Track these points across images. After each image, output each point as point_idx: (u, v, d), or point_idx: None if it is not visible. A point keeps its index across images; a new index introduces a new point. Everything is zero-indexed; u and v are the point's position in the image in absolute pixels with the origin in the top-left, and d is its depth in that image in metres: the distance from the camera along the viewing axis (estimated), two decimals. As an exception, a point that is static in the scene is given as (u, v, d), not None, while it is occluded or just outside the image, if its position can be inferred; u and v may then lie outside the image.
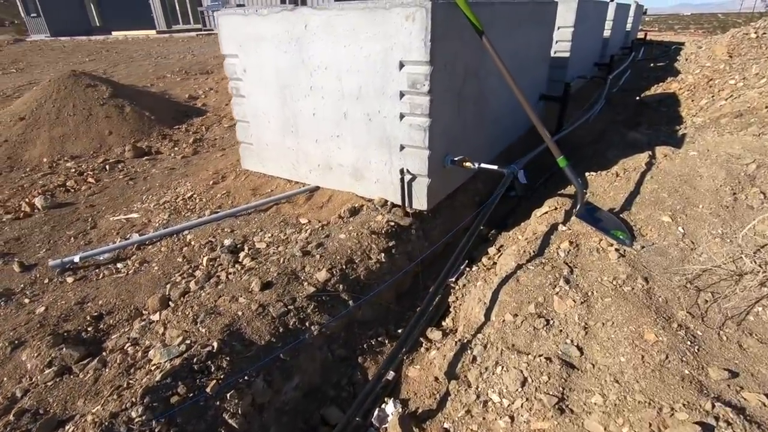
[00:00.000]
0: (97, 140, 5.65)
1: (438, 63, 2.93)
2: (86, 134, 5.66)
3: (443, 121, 3.21)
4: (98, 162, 5.15)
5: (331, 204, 3.66)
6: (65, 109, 5.83)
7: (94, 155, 5.42)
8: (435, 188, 3.35)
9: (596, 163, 4.23)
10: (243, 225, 3.49)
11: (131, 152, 5.29)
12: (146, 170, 4.96)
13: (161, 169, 4.96)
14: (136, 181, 4.66)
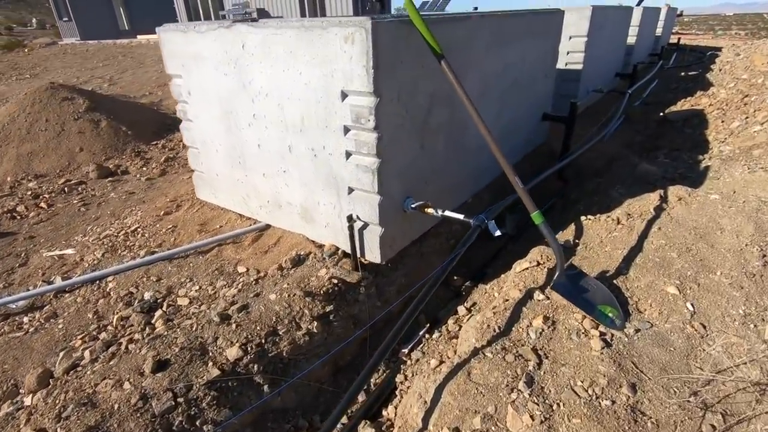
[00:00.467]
0: (66, 158, 5.36)
1: (387, 93, 2.41)
2: (55, 151, 5.39)
3: (400, 160, 2.68)
4: (59, 183, 4.84)
5: (278, 248, 3.18)
6: (37, 123, 5.58)
7: (59, 174, 5.13)
8: (391, 237, 2.82)
9: (597, 202, 3.60)
10: (174, 272, 3.05)
11: (95, 172, 4.97)
12: (105, 194, 4.62)
13: (120, 193, 4.60)
14: (89, 208, 4.32)
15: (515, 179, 2.42)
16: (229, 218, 3.67)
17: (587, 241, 3.01)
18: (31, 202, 4.39)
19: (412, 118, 2.68)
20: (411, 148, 2.76)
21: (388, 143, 2.54)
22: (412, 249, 3.22)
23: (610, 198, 3.52)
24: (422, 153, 2.89)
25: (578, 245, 3.00)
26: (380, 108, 2.38)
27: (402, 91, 2.53)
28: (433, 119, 2.90)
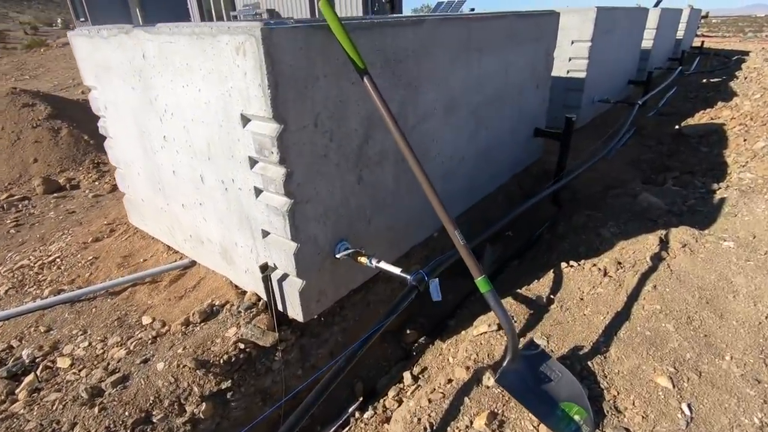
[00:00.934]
0: (18, 169, 5.00)
1: (298, 118, 1.89)
2: (7, 162, 5.03)
3: (326, 199, 2.17)
4: (2, 198, 4.46)
5: (196, 293, 2.69)
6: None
7: (6, 188, 4.76)
8: (318, 291, 2.30)
9: (585, 242, 3.01)
10: (70, 320, 2.59)
11: (42, 187, 4.58)
12: (43, 213, 4.21)
13: (60, 212, 4.19)
14: (19, 230, 3.91)
15: (455, 233, 1.87)
16: (157, 249, 3.20)
17: (565, 297, 2.43)
18: (-39, 221, 4.01)
19: (339, 148, 2.16)
20: (342, 183, 2.24)
21: (305, 180, 2.02)
22: (356, 297, 2.70)
23: (600, 238, 2.93)
24: (360, 188, 2.36)
25: (553, 302, 2.43)
26: (287, 137, 1.87)
27: (323, 116, 2.01)
28: (374, 147, 2.37)
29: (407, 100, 2.50)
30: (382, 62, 2.24)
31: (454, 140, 3.06)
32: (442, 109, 2.84)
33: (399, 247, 2.86)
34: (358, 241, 2.46)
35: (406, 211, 2.79)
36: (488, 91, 3.29)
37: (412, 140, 2.58)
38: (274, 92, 1.76)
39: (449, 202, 3.24)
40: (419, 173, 1.96)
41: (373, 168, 2.41)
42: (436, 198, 1.95)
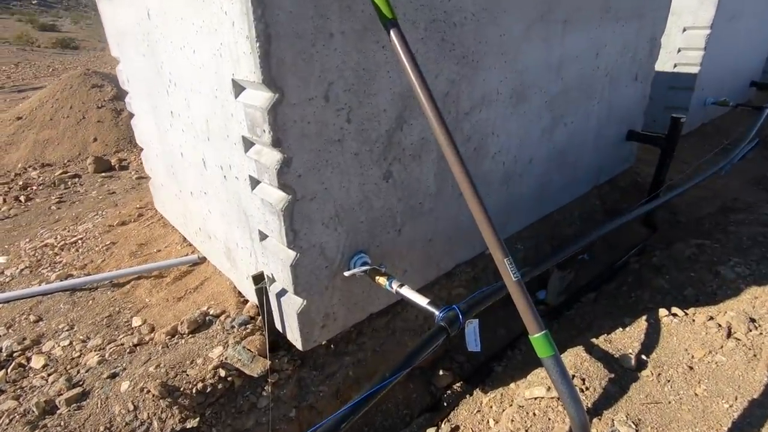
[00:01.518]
0: (79, 147, 5.09)
1: (301, 87, 1.41)
2: (71, 140, 5.14)
3: (338, 198, 1.66)
4: (56, 175, 4.52)
5: (196, 296, 2.32)
6: (62, 110, 5.41)
7: (65, 165, 4.85)
8: (323, 313, 1.81)
9: (695, 282, 2.22)
10: (63, 311, 2.34)
11: (93, 166, 4.59)
12: (87, 192, 4.17)
13: (102, 192, 4.12)
14: (60, 207, 3.87)
15: (504, 263, 1.27)
16: (172, 240, 2.91)
17: (664, 361, 1.72)
18: (13, 194, 4.06)
19: (361, 132, 1.64)
20: (363, 178, 1.72)
21: (309, 170, 1.53)
22: (378, 322, 2.18)
23: (720, 280, 2.13)
24: (389, 187, 1.83)
25: (645, 366, 1.73)
26: (284, 111, 1.39)
27: (337, 87, 1.51)
28: (410, 135, 1.82)
29: (461, 78, 1.92)
30: (427, 23, 1.69)
31: (521, 136, 2.42)
32: (509, 94, 2.21)
33: (438, 264, 2.29)
34: (384, 255, 1.93)
35: (450, 220, 2.21)
36: (571, 78, 2.60)
37: (464, 130, 2.01)
38: (266, 48, 1.29)
39: (510, 213, 2.61)
40: (460, 173, 1.39)
41: (407, 162, 1.87)
42: (480, 210, 1.37)
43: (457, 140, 2.04)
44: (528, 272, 1.84)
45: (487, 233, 1.32)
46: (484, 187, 2.33)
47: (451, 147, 1.37)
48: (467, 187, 1.37)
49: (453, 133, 1.99)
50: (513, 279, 1.23)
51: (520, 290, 1.24)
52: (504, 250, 1.35)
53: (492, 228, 1.36)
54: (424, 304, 1.55)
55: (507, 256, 1.26)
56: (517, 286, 1.23)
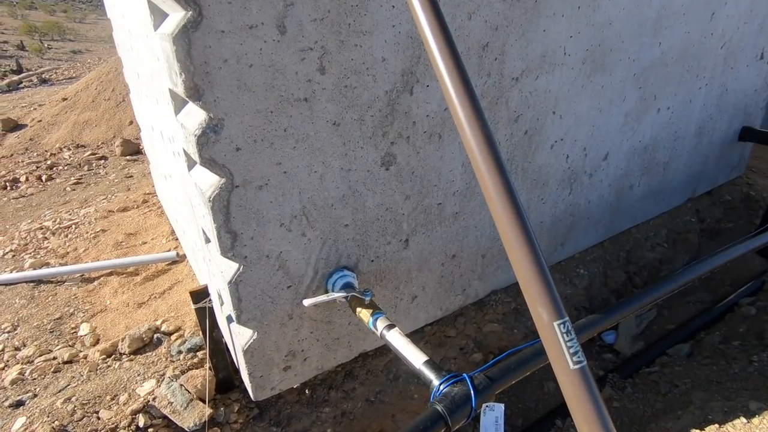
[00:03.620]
0: (114, 129, 4.98)
1: (232, 4, 0.88)
2: (108, 122, 5.05)
3: (305, 187, 1.12)
4: (85, 156, 4.40)
5: (159, 303, 1.89)
6: (104, 93, 5.36)
7: (98, 146, 4.74)
8: (285, 350, 1.27)
9: None
10: (16, 307, 2.00)
11: (120, 148, 4.42)
12: (107, 174, 3.97)
13: (120, 176, 3.90)
14: (75, 188, 3.68)
15: (556, 332, 0.64)
16: (162, 232, 2.52)
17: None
18: (37, 174, 3.95)
19: (343, 90, 1.08)
20: (348, 161, 1.16)
21: (254, 141, 1.01)
22: (375, 362, 1.60)
23: None
24: (390, 176, 1.26)
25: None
26: (205, 41, 0.87)
27: (299, 10, 0.96)
28: (425, 102, 1.24)
29: (509, 24, 1.31)
30: (457, -73, 1.10)
31: (595, 120, 1.74)
32: (581, 58, 1.56)
33: (465, 290, 1.67)
34: (382, 273, 1.36)
35: (485, 230, 1.59)
36: (672, 44, 1.87)
37: (510, 104, 1.39)
38: (165, -73, 0.77)
39: (572, 227, 1.93)
40: (488, 169, 0.76)
41: (420, 143, 1.28)
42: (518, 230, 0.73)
43: (500, 118, 1.42)
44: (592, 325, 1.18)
45: (527, 270, 0.69)
46: (536, 189, 1.69)
47: (474, 124, 0.75)
48: (497, 193, 0.75)
49: (493, 106, 1.38)
50: (570, 365, 0.60)
51: (583, 383, 0.61)
52: (555, 304, 0.70)
53: (537, 260, 0.72)
54: (418, 364, 0.96)
55: (561, 316, 0.64)
56: (577, 377, 0.60)
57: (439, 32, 0.76)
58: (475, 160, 0.75)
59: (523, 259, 0.69)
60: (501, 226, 0.72)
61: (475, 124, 0.75)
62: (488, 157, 0.75)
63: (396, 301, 1.47)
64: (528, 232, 0.71)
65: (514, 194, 0.73)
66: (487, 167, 0.76)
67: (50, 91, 9.28)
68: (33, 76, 14.40)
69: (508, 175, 0.74)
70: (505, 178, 0.75)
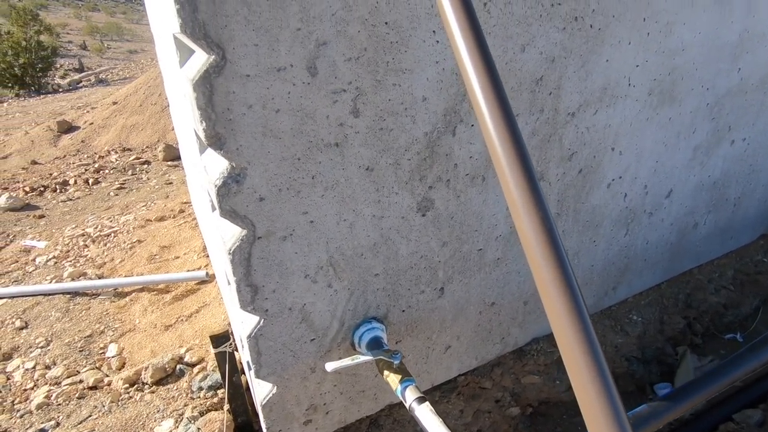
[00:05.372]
0: (158, 134, 5.13)
1: (259, 46, 0.80)
2: (153, 126, 5.21)
3: (333, 236, 1.03)
4: (130, 160, 4.54)
5: (186, 327, 1.86)
6: (151, 98, 5.53)
7: (142, 150, 4.89)
8: (302, 406, 1.19)
9: None
10: (51, 320, 2.03)
11: (162, 153, 4.54)
12: (148, 180, 4.07)
13: (161, 182, 3.98)
14: (119, 193, 3.78)
15: None
16: (194, 247, 2.52)
17: None
18: (85, 177, 4.10)
19: (378, 133, 0.98)
20: (380, 208, 1.06)
21: (279, 190, 0.92)
22: (403, 413, 1.49)
23: None
24: (427, 223, 1.15)
25: None
26: (228, 86, 0.80)
27: (333, 50, 0.87)
28: (468, 143, 1.12)
29: (567, 55, 1.16)
30: (513, -49, 0.98)
31: (659, 155, 1.55)
32: (647, 88, 1.38)
33: (504, 338, 1.53)
34: (414, 323, 1.25)
35: (529, 276, 1.45)
36: (754, 70, 1.65)
37: (564, 141, 1.25)
38: (187, -34, 0.70)
39: (626, 270, 1.74)
40: (531, 217, 0.63)
41: (462, 186, 1.16)
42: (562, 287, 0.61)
43: (551, 157, 1.28)
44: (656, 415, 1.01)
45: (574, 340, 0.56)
46: (588, 232, 1.52)
47: (517, 167, 0.63)
48: (541, 255, 0.62)
49: (545, 144, 1.24)
50: None
51: None
52: (612, 403, 0.56)
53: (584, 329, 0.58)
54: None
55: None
56: None
57: (481, 69, 0.65)
58: (515, 212, 0.62)
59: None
60: (543, 279, 0.60)
61: (517, 173, 0.63)
62: (530, 210, 0.62)
63: (428, 351, 1.36)
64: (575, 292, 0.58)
65: (562, 254, 0.60)
66: (528, 221, 0.63)
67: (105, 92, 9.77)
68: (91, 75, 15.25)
69: (556, 232, 0.61)
70: (550, 225, 0.62)
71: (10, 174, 4.39)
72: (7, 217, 3.36)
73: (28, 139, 5.17)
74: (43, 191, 3.83)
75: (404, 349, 1.30)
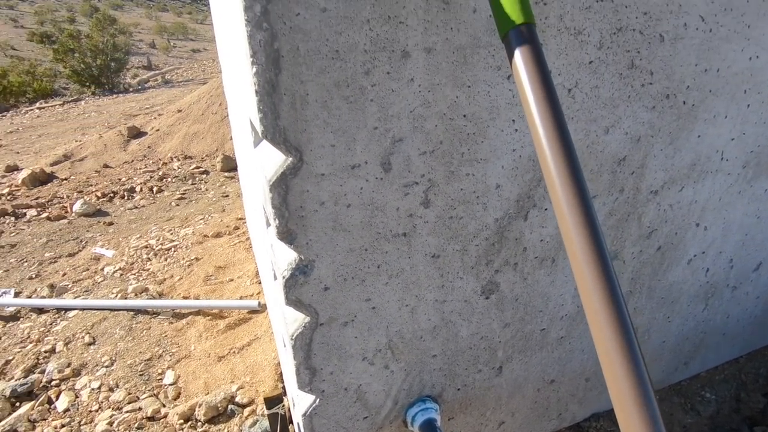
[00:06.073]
0: (217, 143, 5.35)
1: (336, 147, 0.79)
2: (213, 135, 5.44)
3: (395, 321, 1.01)
4: (190, 169, 4.76)
5: (237, 360, 1.91)
6: (213, 106, 5.78)
7: (202, 159, 5.12)
8: (353, 479, 1.17)
9: None
10: (115, 338, 2.15)
11: (221, 164, 4.71)
12: (207, 191, 4.24)
13: (218, 194, 4.14)
14: (179, 204, 3.97)
15: None
16: (247, 271, 2.59)
17: None
18: (150, 185, 4.34)
19: (447, 221, 0.95)
20: (444, 292, 1.03)
21: (344, 280, 0.91)
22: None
23: None
24: (488, 306, 1.10)
25: None
26: (303, 186, 0.80)
27: (408, 146, 0.84)
28: (539, 226, 1.06)
29: (654, 133, 1.07)
30: (605, 35, 0.91)
31: (749, 229, 1.41)
32: (742, 161, 1.26)
33: (561, 414, 1.45)
34: (468, 401, 1.21)
35: (591, 354, 1.36)
36: None
37: (644, 219, 1.16)
38: (269, 76, 0.70)
39: (702, 344, 1.60)
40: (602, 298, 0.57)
41: (530, 269, 1.10)
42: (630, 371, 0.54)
43: (627, 236, 1.19)
44: None
45: None
46: (663, 308, 1.41)
47: (590, 252, 0.57)
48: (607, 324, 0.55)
49: (622, 223, 1.15)
50: None
51: None
52: None
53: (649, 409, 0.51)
54: None
55: None
56: None
57: (561, 155, 0.59)
58: (585, 295, 0.56)
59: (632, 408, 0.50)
60: (609, 378, 0.53)
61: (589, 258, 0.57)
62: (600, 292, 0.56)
63: (480, 428, 1.30)
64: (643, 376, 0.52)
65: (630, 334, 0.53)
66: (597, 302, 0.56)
67: (169, 94, 10.35)
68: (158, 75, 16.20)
69: (625, 313, 0.55)
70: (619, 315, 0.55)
71: (85, 177, 4.74)
72: (80, 223, 3.62)
73: (102, 142, 5.55)
74: (113, 197, 4.09)
75: (456, 425, 1.26)
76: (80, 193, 4.22)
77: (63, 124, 8.03)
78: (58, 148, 6.03)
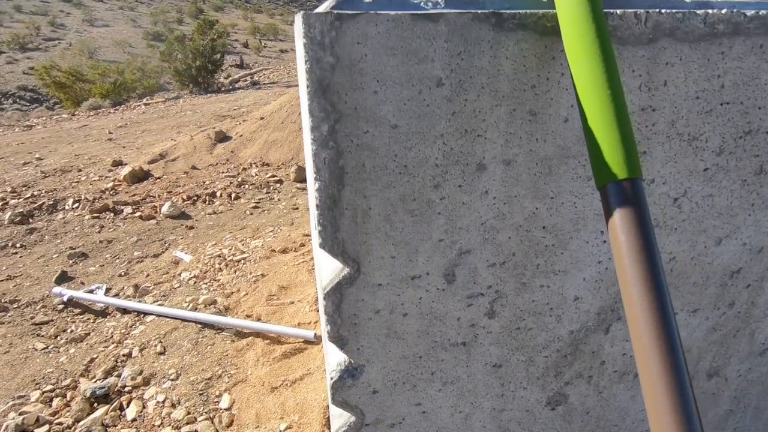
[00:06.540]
0: (293, 151, 5.56)
1: (396, 258, 0.74)
2: (290, 144, 5.67)
3: (446, 427, 0.93)
4: (266, 177, 4.99)
5: (288, 394, 1.93)
6: (292, 116, 6.02)
7: (278, 167, 5.34)
8: None
9: None
10: (183, 351, 2.29)
11: (294, 174, 4.88)
12: (279, 201, 4.41)
13: (288, 206, 4.29)
14: (253, 212, 4.17)
15: None
16: (307, 296, 2.64)
17: None
18: (229, 191, 4.61)
19: (514, 332, 0.85)
20: (503, 401, 0.93)
21: (394, 384, 0.86)
22: None
23: None
24: (553, 417, 0.98)
25: None
26: (358, 295, 0.76)
27: (476, 258, 0.76)
28: (620, 340, 0.92)
29: None
30: (728, 139, 0.76)
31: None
32: None
33: None
34: None
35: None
36: None
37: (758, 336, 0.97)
38: (331, 192, 0.66)
39: None
40: None
41: (606, 383, 0.97)
42: None
43: (734, 351, 1.01)
44: None
45: None
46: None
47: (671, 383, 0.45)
48: None
49: (728, 339, 0.98)
50: None
51: None
52: None
53: None
54: None
55: None
56: None
57: (643, 274, 0.48)
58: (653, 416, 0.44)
59: None
60: None
61: (662, 383, 0.45)
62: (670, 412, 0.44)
63: None
64: None
65: None
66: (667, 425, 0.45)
67: (255, 96, 10.98)
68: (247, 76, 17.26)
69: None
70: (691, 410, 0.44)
71: (175, 177, 5.15)
72: (166, 224, 3.93)
73: (192, 144, 6.01)
74: (196, 201, 4.40)
75: None
76: (169, 194, 4.59)
77: (163, 121, 8.83)
78: (156, 145, 6.63)
